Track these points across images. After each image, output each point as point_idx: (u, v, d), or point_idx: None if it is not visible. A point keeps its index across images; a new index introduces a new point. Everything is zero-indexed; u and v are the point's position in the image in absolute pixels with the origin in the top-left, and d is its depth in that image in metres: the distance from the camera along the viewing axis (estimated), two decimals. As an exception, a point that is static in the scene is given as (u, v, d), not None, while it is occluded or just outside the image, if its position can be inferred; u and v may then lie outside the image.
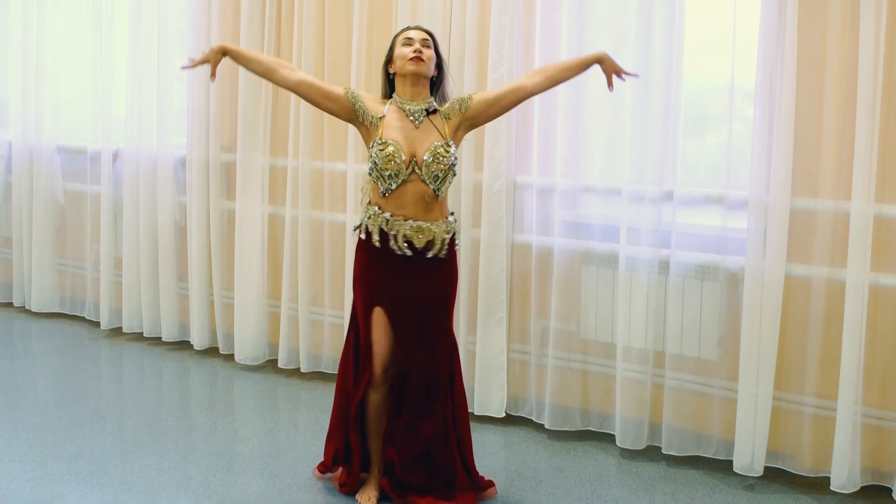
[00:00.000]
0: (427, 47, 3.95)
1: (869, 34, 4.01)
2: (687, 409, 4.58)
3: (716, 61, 4.45)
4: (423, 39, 3.96)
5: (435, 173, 3.86)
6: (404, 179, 3.86)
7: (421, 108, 3.93)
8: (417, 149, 3.87)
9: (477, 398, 5.00)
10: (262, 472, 4.41)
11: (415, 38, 3.95)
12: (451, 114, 3.97)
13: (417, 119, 3.92)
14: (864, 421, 4.21)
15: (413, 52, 3.91)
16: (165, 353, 6.14)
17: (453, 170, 3.92)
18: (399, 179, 3.86)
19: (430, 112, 3.93)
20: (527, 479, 4.39)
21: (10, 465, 4.40)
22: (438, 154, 3.86)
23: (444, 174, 3.88)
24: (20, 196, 6.92)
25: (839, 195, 4.19)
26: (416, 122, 3.91)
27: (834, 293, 4.24)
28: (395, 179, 3.86)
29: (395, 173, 3.85)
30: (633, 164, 4.60)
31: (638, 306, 4.62)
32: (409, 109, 3.93)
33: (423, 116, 3.92)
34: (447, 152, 3.88)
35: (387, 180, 3.87)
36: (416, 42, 3.94)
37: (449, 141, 3.91)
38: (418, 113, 3.92)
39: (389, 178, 3.86)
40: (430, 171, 3.86)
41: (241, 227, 5.83)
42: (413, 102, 3.94)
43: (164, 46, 6.13)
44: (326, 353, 5.68)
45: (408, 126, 3.91)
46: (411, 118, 3.92)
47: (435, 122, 3.93)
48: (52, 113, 6.81)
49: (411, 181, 3.87)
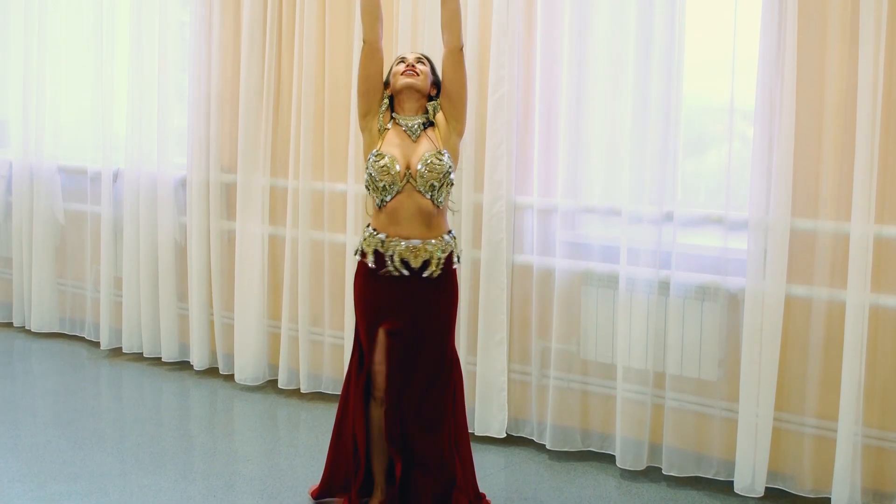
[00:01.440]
0: (421, 64, 4.02)
1: (868, 55, 4.03)
2: (687, 429, 4.58)
3: (715, 82, 4.46)
4: (417, 58, 4.03)
5: (430, 182, 3.89)
6: (399, 190, 3.89)
7: (418, 123, 3.97)
8: (411, 159, 3.91)
9: (478, 418, 5.00)
10: (261, 492, 4.40)
11: (408, 58, 4.03)
12: (436, 121, 4.01)
13: (414, 133, 3.95)
14: (865, 441, 4.20)
15: (406, 66, 3.98)
16: (165, 374, 6.13)
17: (449, 178, 3.94)
18: (394, 191, 3.89)
19: (426, 126, 3.99)
20: (527, 499, 4.38)
21: (10, 485, 4.38)
22: (431, 163, 3.89)
23: (439, 183, 3.90)
24: (20, 216, 6.92)
25: (839, 216, 4.20)
26: (412, 137, 3.95)
27: (834, 314, 4.24)
28: (390, 191, 3.89)
29: (389, 184, 3.89)
30: (633, 184, 4.61)
31: (638, 327, 4.62)
32: (407, 125, 3.97)
33: (419, 130, 3.96)
34: (440, 161, 3.91)
35: (381, 192, 3.91)
36: (410, 60, 4.02)
37: (441, 150, 3.94)
38: (415, 127, 3.96)
39: (384, 190, 3.90)
40: (424, 181, 3.88)
41: (241, 247, 5.84)
42: (410, 118, 3.99)
43: (164, 67, 6.15)
44: (327, 374, 5.67)
45: (405, 140, 3.95)
46: (408, 133, 3.96)
47: (430, 135, 3.98)
48: (53, 133, 6.83)
49: (406, 192, 3.90)
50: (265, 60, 5.69)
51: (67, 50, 6.77)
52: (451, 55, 3.99)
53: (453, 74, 3.99)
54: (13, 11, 6.89)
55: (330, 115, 5.51)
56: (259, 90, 5.73)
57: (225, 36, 5.89)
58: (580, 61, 4.74)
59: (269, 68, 5.68)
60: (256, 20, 5.70)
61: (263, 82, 5.71)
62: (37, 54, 6.74)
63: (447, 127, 4.01)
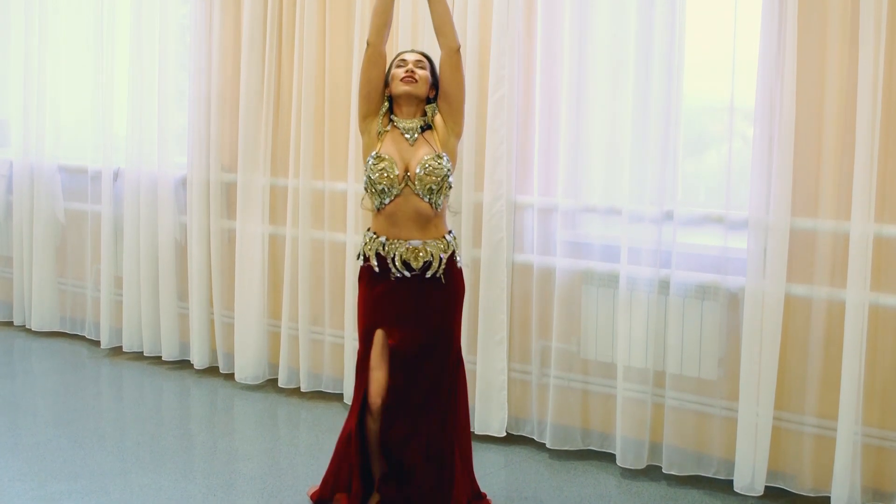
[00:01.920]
0: (421, 68, 3.99)
1: (868, 54, 4.03)
2: (687, 428, 4.58)
3: (716, 81, 4.46)
4: (417, 61, 4.01)
5: (429, 186, 3.89)
6: (397, 194, 3.89)
7: (416, 126, 3.97)
8: (410, 162, 3.91)
9: (478, 417, 5.00)
10: (262, 491, 4.40)
11: (408, 60, 4.01)
12: (434, 123, 4.00)
13: (412, 136, 3.95)
14: (865, 441, 4.20)
15: (405, 72, 3.96)
16: (165, 373, 6.13)
17: (448, 181, 3.94)
18: (392, 194, 3.90)
19: (424, 129, 3.98)
20: (528, 498, 4.38)
21: (10, 484, 4.39)
22: (430, 166, 3.89)
23: (438, 186, 3.91)
24: (21, 215, 6.93)
25: (839, 215, 4.21)
26: (410, 140, 3.95)
27: (834, 313, 4.24)
28: (389, 194, 3.90)
29: (388, 187, 3.89)
30: (634, 184, 4.61)
31: (638, 326, 4.62)
32: (404, 127, 3.97)
33: (417, 134, 3.96)
34: (439, 164, 3.91)
35: (380, 195, 3.92)
36: (410, 63, 3.99)
37: (440, 153, 3.94)
38: (413, 130, 3.96)
39: (382, 193, 3.91)
40: (423, 184, 3.89)
41: (241, 246, 5.84)
42: (408, 121, 3.98)
43: (164, 66, 6.16)
44: (327, 373, 5.67)
45: (403, 143, 3.95)
46: (406, 136, 3.96)
47: (428, 138, 3.97)
48: (53, 132, 6.84)
49: (404, 195, 3.90)
50: (265, 59, 5.70)
51: (68, 49, 6.78)
52: (449, 57, 3.97)
53: (451, 76, 3.98)
54: (14, 11, 6.90)
55: (330, 114, 5.51)
56: (259, 89, 5.73)
57: (225, 35, 5.89)
58: (580, 61, 4.74)
59: (269, 67, 5.68)
60: (257, 19, 5.70)
61: (264, 81, 5.72)
62: (37, 54, 6.75)
63: (445, 129, 4.00)
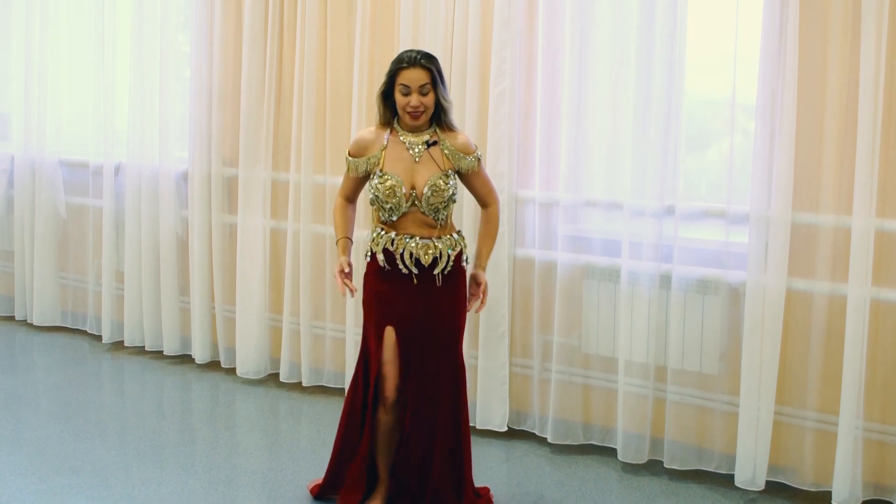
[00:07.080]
0: (424, 94, 3.86)
1: (870, 49, 4.02)
2: (688, 423, 4.58)
3: (717, 76, 4.46)
4: (421, 86, 3.86)
5: (434, 206, 3.89)
6: (405, 212, 3.90)
7: (421, 141, 3.93)
8: (417, 181, 3.89)
9: (479, 412, 5.00)
10: (263, 485, 4.41)
11: (412, 87, 3.86)
12: (453, 157, 3.95)
13: (418, 153, 3.92)
14: (866, 435, 4.21)
15: (412, 108, 3.86)
16: (167, 367, 6.14)
17: (453, 199, 3.95)
18: (400, 212, 3.90)
19: (430, 145, 3.94)
20: (529, 492, 4.39)
21: (12, 478, 4.39)
22: (437, 187, 3.89)
23: (444, 205, 3.91)
24: (22, 210, 6.93)
25: (840, 210, 4.20)
26: (415, 156, 3.92)
27: (835, 308, 4.24)
28: (396, 211, 3.90)
29: (395, 206, 3.89)
30: (635, 178, 4.61)
31: (639, 321, 4.62)
32: (410, 142, 3.94)
33: (423, 150, 3.93)
34: (446, 184, 3.91)
35: (388, 212, 3.91)
36: (414, 92, 3.85)
37: (447, 171, 3.92)
38: (418, 147, 3.93)
39: (391, 210, 3.90)
40: (430, 204, 3.89)
41: (242, 241, 5.84)
42: (413, 135, 3.94)
43: (166, 61, 6.15)
44: (328, 368, 5.68)
45: (407, 159, 3.92)
46: (411, 151, 3.93)
47: (434, 155, 3.93)
48: (55, 127, 6.82)
49: (412, 212, 3.91)
50: (267, 53, 5.69)
51: (69, 44, 6.77)
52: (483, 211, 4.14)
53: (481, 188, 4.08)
54: (15, 5, 6.88)
55: (331, 108, 5.51)
56: (261, 83, 5.73)
57: (226, 29, 5.89)
58: (581, 55, 4.73)
59: (270, 61, 5.68)
60: (258, 13, 5.69)
61: (265, 75, 5.71)
62: (38, 48, 6.74)
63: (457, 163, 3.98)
